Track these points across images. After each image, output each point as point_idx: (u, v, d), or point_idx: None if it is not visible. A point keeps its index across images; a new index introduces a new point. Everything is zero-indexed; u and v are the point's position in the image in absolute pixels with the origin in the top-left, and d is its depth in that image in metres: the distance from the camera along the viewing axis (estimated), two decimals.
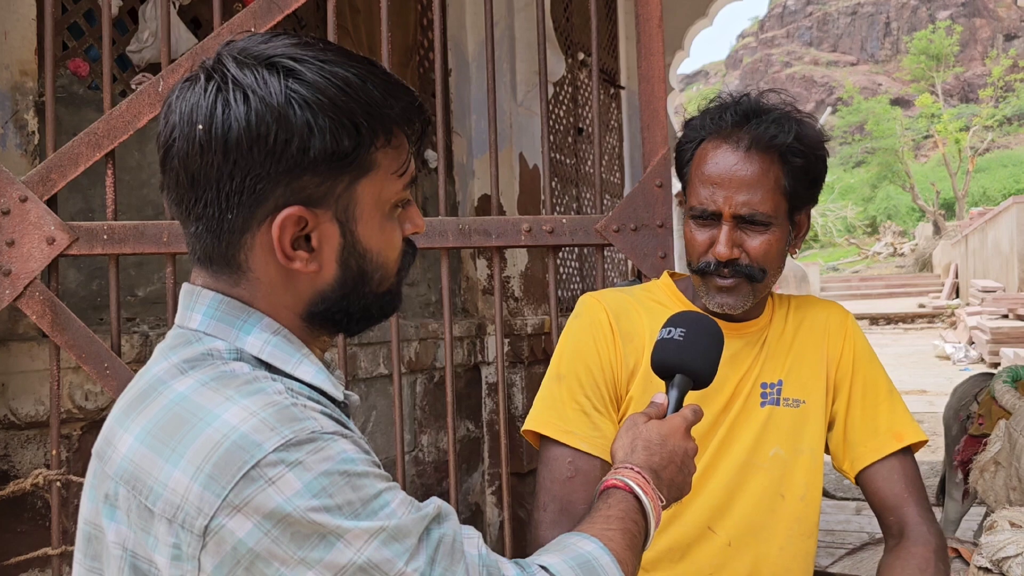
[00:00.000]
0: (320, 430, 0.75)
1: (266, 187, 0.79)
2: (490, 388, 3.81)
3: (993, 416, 3.38)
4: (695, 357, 1.15)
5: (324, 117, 0.78)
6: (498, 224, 1.99)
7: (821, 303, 1.52)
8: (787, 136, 1.30)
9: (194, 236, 0.83)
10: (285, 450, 0.73)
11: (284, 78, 0.78)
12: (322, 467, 0.73)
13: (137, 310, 2.57)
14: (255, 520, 0.71)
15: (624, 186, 6.42)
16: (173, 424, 0.76)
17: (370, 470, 0.77)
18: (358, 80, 0.80)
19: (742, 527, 1.37)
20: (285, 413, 0.75)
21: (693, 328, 1.17)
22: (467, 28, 3.96)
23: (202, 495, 0.72)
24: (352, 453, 0.76)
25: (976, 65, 46.19)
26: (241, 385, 0.77)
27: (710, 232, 1.33)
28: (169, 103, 0.82)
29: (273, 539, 0.71)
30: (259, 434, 0.73)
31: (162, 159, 0.82)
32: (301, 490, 0.72)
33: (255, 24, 1.95)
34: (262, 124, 0.77)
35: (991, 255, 18.45)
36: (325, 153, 0.78)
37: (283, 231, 0.80)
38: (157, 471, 0.74)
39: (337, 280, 0.84)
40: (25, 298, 1.85)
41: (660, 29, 1.99)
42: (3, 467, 1.99)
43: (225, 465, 0.72)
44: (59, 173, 1.89)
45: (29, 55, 2.24)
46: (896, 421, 1.41)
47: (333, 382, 0.86)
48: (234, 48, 0.82)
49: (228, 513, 0.71)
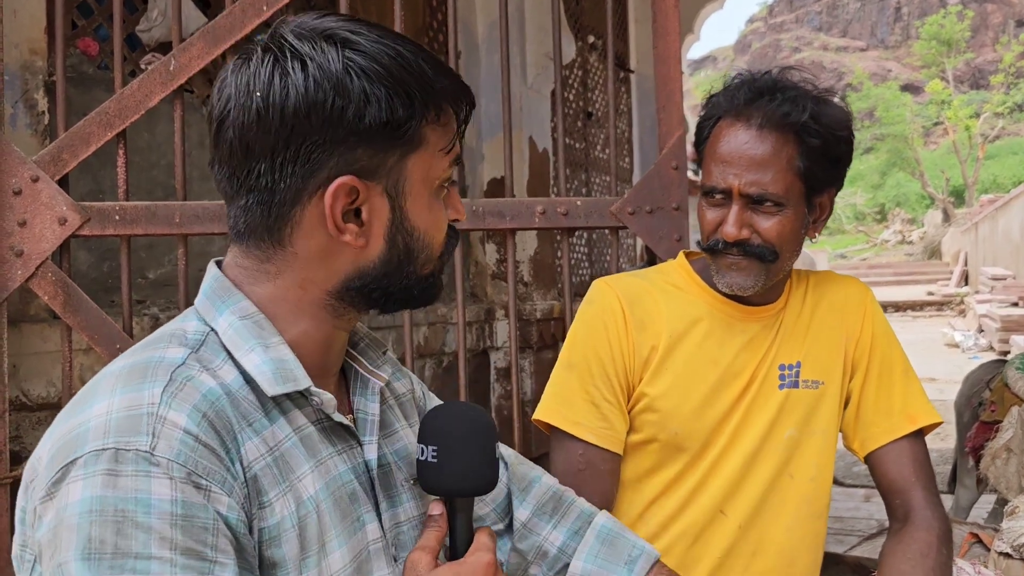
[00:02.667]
0: (148, 452, 0.69)
1: (320, 156, 0.78)
2: (499, 373, 3.80)
3: (1005, 403, 3.37)
4: (459, 478, 0.89)
5: (380, 86, 0.78)
6: (512, 206, 1.98)
7: (840, 280, 1.49)
8: (801, 114, 1.27)
9: (243, 209, 0.82)
10: (95, 457, 0.69)
11: (342, 48, 0.79)
12: (106, 491, 0.68)
13: (147, 292, 2.56)
14: (51, 515, 0.70)
15: (633, 170, 6.40)
16: (77, 400, 0.77)
17: (158, 527, 0.68)
18: (411, 55, 0.81)
19: (751, 508, 1.36)
20: (131, 421, 0.71)
21: (447, 440, 0.90)
22: (476, 10, 3.93)
23: (43, 473, 0.72)
24: (156, 499, 0.68)
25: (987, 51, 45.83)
26: (132, 380, 0.75)
27: (721, 211, 1.31)
28: (224, 77, 0.82)
29: (48, 540, 0.70)
30: (94, 433, 0.71)
31: (215, 132, 0.82)
32: (76, 503, 0.68)
33: (266, 3, 1.93)
34: (320, 90, 0.77)
35: (1001, 243, 18.36)
36: (379, 122, 0.78)
37: (335, 200, 0.79)
38: (45, 436, 0.76)
39: (381, 257, 0.84)
40: (37, 279, 1.85)
41: (676, 9, 1.96)
42: (15, 448, 1.99)
43: (61, 453, 0.72)
44: (70, 153, 1.88)
45: (39, 34, 2.22)
46: (910, 402, 1.40)
47: (281, 375, 0.80)
48: (290, 23, 0.82)
49: (43, 500, 0.71)
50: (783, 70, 1.35)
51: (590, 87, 5.54)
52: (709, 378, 1.36)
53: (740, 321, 1.38)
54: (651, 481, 1.38)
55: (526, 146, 4.14)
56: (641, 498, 1.37)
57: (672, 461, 1.37)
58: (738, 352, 1.37)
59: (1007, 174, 33.76)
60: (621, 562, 1.05)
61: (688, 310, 1.39)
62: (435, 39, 4.10)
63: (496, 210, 1.97)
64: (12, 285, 1.84)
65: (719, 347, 1.37)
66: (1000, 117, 35.26)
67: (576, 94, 5.25)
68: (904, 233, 33.31)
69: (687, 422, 1.35)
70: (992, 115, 34.55)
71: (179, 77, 1.90)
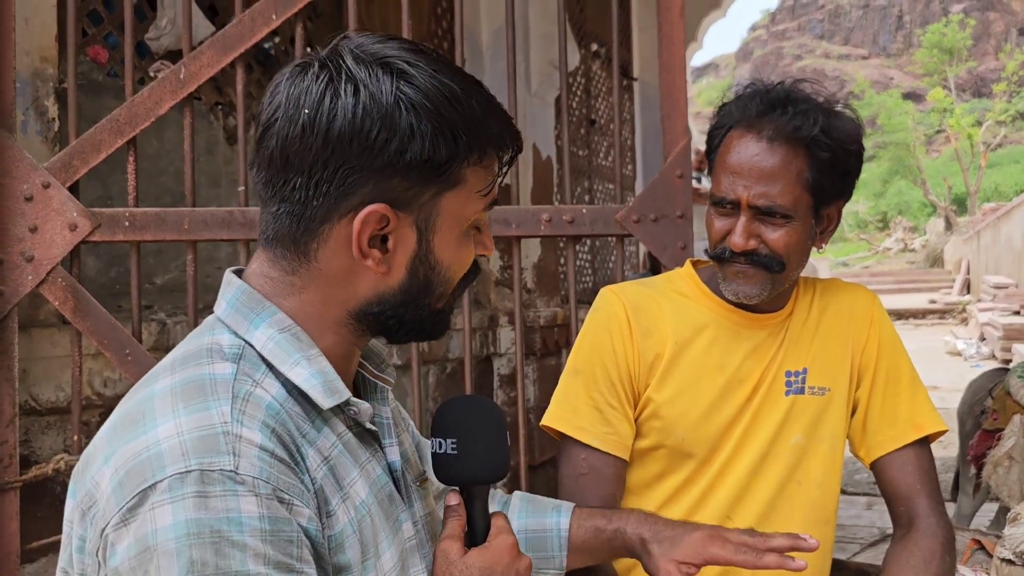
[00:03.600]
0: (232, 472, 0.71)
1: (356, 181, 0.79)
2: (502, 380, 3.81)
3: (1007, 411, 3.37)
4: (479, 468, 0.96)
5: (427, 123, 0.79)
6: (518, 213, 1.99)
7: (847, 287, 1.50)
8: (812, 128, 1.28)
9: (273, 216, 0.83)
10: (179, 480, 0.70)
11: (396, 79, 0.79)
12: (199, 514, 0.69)
13: (155, 298, 2.58)
14: (129, 540, 0.70)
15: (636, 178, 6.41)
16: (127, 421, 0.76)
17: (252, 544, 0.70)
18: (464, 95, 0.81)
19: (758, 514, 1.37)
20: (208, 442, 0.72)
21: (464, 431, 0.97)
22: (481, 18, 3.95)
23: (109, 500, 0.72)
24: (246, 517, 0.70)
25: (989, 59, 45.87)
26: (196, 399, 0.75)
27: (729, 221, 1.32)
28: (277, 84, 0.82)
29: (131, 567, 0.69)
30: (170, 456, 0.71)
31: (260, 136, 0.82)
32: (169, 527, 0.69)
33: (276, 12, 1.95)
34: (367, 119, 0.77)
35: (1003, 251, 18.35)
36: (421, 159, 0.79)
37: (364, 226, 0.80)
38: (95, 461, 0.75)
39: (402, 286, 0.85)
40: (47, 284, 1.86)
41: (681, 18, 1.98)
42: (24, 452, 2.00)
43: (133, 477, 0.71)
44: (81, 159, 1.89)
45: (49, 41, 2.24)
46: (916, 410, 1.40)
47: (329, 388, 0.82)
48: (351, 43, 0.82)
49: (116, 526, 0.71)
50: (795, 82, 1.36)
51: (593, 95, 5.56)
52: (715, 384, 1.37)
53: (746, 328, 1.40)
54: (658, 487, 1.40)
55: (530, 153, 4.15)
56: (648, 504, 1.38)
57: (679, 467, 1.38)
58: (744, 358, 1.38)
59: (1009, 182, 33.73)
60: (548, 509, 1.17)
61: (694, 317, 1.40)
62: (439, 46, 4.13)
63: (502, 217, 1.98)
64: (23, 290, 1.86)
65: (725, 354, 1.38)
66: (1002, 125, 35.24)
67: (580, 102, 5.28)
68: (906, 241, 33.28)
69: (693, 428, 1.36)
70: (994, 123, 34.54)
71: (189, 85, 1.92)
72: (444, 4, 4.11)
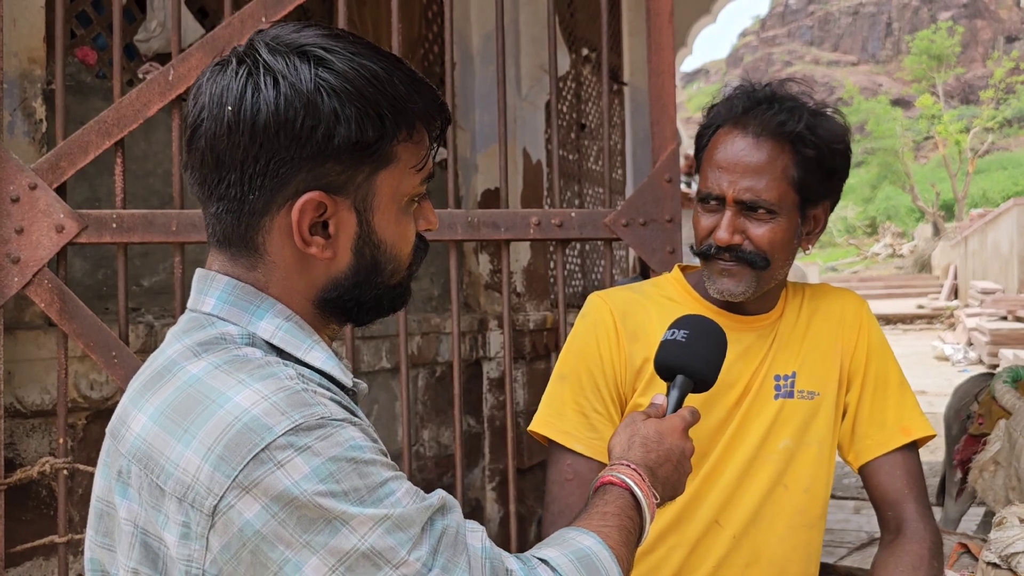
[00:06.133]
0: (329, 416, 0.76)
1: (289, 171, 0.80)
2: (491, 383, 3.81)
3: (993, 416, 3.39)
4: (697, 359, 1.14)
5: (351, 106, 0.80)
6: (507, 217, 1.99)
7: (836, 292, 1.51)
8: (797, 124, 1.29)
9: (215, 217, 0.84)
10: (295, 434, 0.74)
11: (314, 66, 0.80)
12: (330, 452, 0.74)
13: (142, 300, 2.57)
14: (263, 502, 0.72)
15: (626, 182, 6.43)
16: (186, 405, 0.77)
17: (377, 458, 0.78)
18: (385, 73, 0.82)
19: (746, 518, 1.37)
20: (296, 398, 0.76)
21: (697, 330, 1.15)
22: (472, 22, 3.95)
23: (212, 475, 0.73)
24: (360, 440, 0.77)
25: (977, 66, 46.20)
26: (254, 369, 0.78)
27: (715, 217, 1.33)
28: (199, 84, 0.83)
29: (280, 522, 0.72)
30: (270, 417, 0.74)
31: (188, 139, 0.83)
32: (309, 474, 0.73)
33: (265, 14, 1.95)
34: (290, 109, 0.78)
35: (991, 257, 18.47)
36: (349, 142, 0.80)
37: (302, 215, 0.81)
38: (169, 450, 0.76)
39: (351, 268, 0.86)
40: (33, 286, 1.85)
41: (670, 24, 1.99)
42: (9, 455, 1.99)
43: (236, 446, 0.73)
44: (68, 161, 1.89)
45: (38, 43, 2.23)
46: (904, 415, 1.41)
47: (343, 369, 0.87)
48: (266, 35, 0.83)
49: (237, 494, 0.72)
50: (782, 82, 1.37)
51: (584, 99, 5.57)
52: None
53: (735, 331, 1.40)
54: None
55: (520, 157, 4.16)
56: None
57: None
58: (733, 362, 1.38)
59: (996, 188, 33.98)
60: None
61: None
62: (430, 50, 4.13)
63: (491, 221, 1.98)
64: (9, 292, 1.85)
65: None
66: (990, 132, 35.45)
67: (570, 106, 5.28)
68: (895, 246, 33.46)
69: None
70: (982, 130, 34.74)
71: (177, 87, 1.92)
72: (435, 8, 4.11)
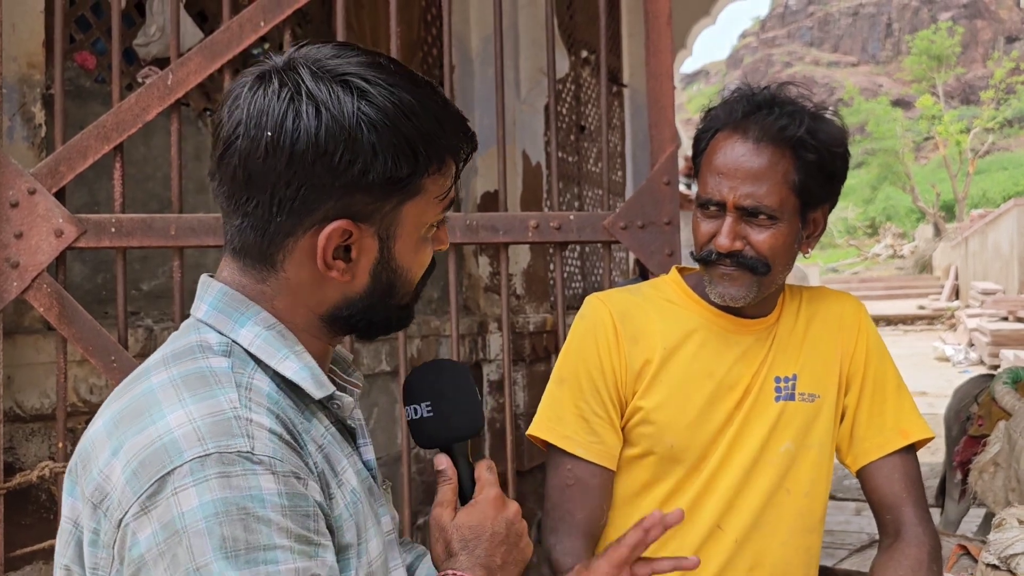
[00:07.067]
0: (250, 452, 0.74)
1: (319, 198, 0.81)
2: (491, 386, 3.81)
3: (993, 417, 3.39)
4: (455, 420, 1.00)
5: (388, 142, 0.80)
6: (505, 220, 1.99)
7: (834, 295, 1.51)
8: (798, 129, 1.28)
9: (237, 229, 0.84)
10: (200, 463, 0.72)
11: (357, 99, 0.80)
12: (224, 493, 0.71)
13: (141, 304, 2.57)
14: (154, 527, 0.71)
15: (626, 184, 6.43)
16: (131, 414, 0.77)
17: (275, 519, 0.73)
18: (420, 108, 0.82)
19: (747, 523, 1.37)
20: (221, 426, 0.74)
21: (434, 391, 1.00)
22: (471, 24, 3.96)
23: (124, 489, 0.73)
24: (267, 494, 0.73)
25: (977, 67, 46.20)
26: (200, 388, 0.77)
27: (715, 222, 1.32)
28: (236, 95, 0.82)
29: (160, 552, 0.71)
30: (185, 442, 0.73)
31: (221, 152, 0.83)
32: (195, 508, 0.71)
33: (264, 18, 1.95)
34: (331, 141, 0.78)
35: (991, 257, 18.46)
36: (383, 177, 0.81)
37: (328, 241, 0.82)
38: (101, 455, 0.77)
39: (366, 290, 0.87)
40: (33, 290, 1.86)
41: (669, 26, 1.99)
42: (8, 460, 1.99)
43: (148, 465, 0.73)
44: (68, 165, 1.89)
45: (37, 47, 2.24)
46: (903, 418, 1.41)
47: (317, 381, 0.85)
48: (308, 57, 0.83)
49: (136, 513, 0.72)
50: (781, 85, 1.36)
51: (583, 101, 5.57)
52: (704, 390, 1.37)
53: (734, 333, 1.40)
54: (647, 496, 1.39)
55: (519, 160, 4.16)
56: (637, 514, 1.37)
57: (668, 475, 1.38)
58: (733, 364, 1.38)
59: (997, 189, 33.94)
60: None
61: (682, 323, 1.40)
62: (429, 53, 4.13)
63: (490, 224, 1.98)
64: (8, 297, 1.85)
65: (714, 359, 1.38)
66: (990, 132, 35.44)
67: (569, 108, 5.29)
68: (895, 247, 33.43)
69: (683, 434, 1.36)
70: (982, 130, 34.73)
71: (177, 91, 1.92)
72: (434, 11, 4.11)
